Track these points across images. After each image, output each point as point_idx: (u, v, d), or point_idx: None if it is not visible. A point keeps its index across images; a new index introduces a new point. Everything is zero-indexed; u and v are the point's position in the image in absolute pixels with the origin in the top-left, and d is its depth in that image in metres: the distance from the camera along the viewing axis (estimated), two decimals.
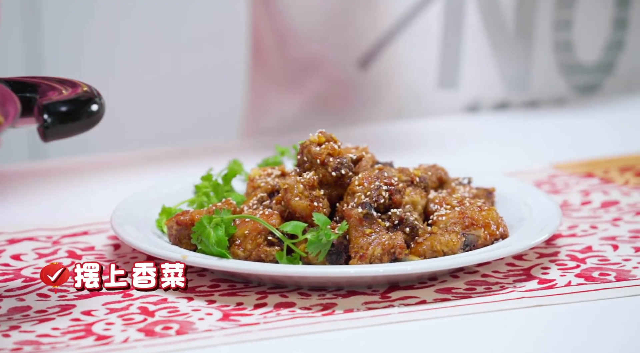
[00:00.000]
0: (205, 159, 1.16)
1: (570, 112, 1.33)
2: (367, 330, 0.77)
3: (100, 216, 0.97)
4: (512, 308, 0.79)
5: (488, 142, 1.25)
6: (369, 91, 1.34)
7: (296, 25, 1.35)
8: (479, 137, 1.27)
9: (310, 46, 1.34)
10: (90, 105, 0.78)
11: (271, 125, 1.41)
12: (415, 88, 1.33)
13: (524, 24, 1.31)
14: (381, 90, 1.34)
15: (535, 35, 1.32)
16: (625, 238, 0.91)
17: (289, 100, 1.39)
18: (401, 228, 0.84)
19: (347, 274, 0.80)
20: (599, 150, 1.16)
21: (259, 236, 0.84)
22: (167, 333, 0.77)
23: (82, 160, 1.22)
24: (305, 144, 0.87)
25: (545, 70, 1.34)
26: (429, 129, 1.28)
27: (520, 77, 1.34)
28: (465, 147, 1.23)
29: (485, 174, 0.97)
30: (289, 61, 1.37)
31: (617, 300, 0.80)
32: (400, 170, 0.89)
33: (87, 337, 0.77)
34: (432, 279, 0.84)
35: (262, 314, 0.79)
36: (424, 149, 1.18)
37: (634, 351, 0.74)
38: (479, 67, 1.33)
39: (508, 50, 1.33)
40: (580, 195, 1.02)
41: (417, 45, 1.32)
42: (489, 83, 1.33)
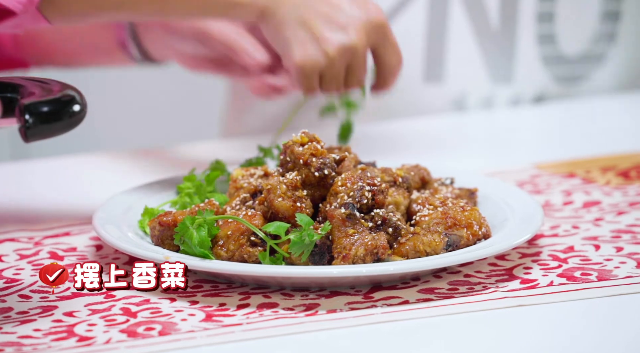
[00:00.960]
0: (189, 159, 1.16)
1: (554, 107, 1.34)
2: (350, 330, 0.77)
3: (82, 217, 0.97)
4: (494, 308, 0.79)
5: (471, 142, 1.26)
6: None
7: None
8: (463, 137, 1.27)
9: None
10: (72, 106, 0.77)
11: (256, 125, 1.40)
12: (401, 83, 1.34)
13: (508, 17, 1.32)
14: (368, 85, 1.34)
15: (519, 28, 1.32)
16: (606, 238, 0.92)
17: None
18: (384, 228, 0.84)
19: (330, 274, 0.80)
20: (581, 149, 1.17)
21: (241, 237, 0.84)
22: (150, 334, 0.77)
23: (64, 161, 1.21)
24: (288, 144, 0.87)
25: (528, 63, 1.34)
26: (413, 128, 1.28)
27: (505, 70, 1.34)
28: (449, 147, 1.23)
29: (467, 174, 0.97)
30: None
31: (599, 300, 0.80)
32: (383, 171, 0.89)
33: (69, 338, 0.76)
34: (414, 279, 0.84)
35: (245, 315, 0.79)
36: (407, 149, 1.18)
37: (616, 350, 0.74)
38: (464, 61, 1.33)
39: (492, 43, 1.33)
40: (562, 195, 1.03)
41: (402, 40, 1.33)
42: (475, 77, 1.34)
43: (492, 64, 1.33)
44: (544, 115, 1.33)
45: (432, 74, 1.31)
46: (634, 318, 0.78)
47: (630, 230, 0.93)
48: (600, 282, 0.83)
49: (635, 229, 0.93)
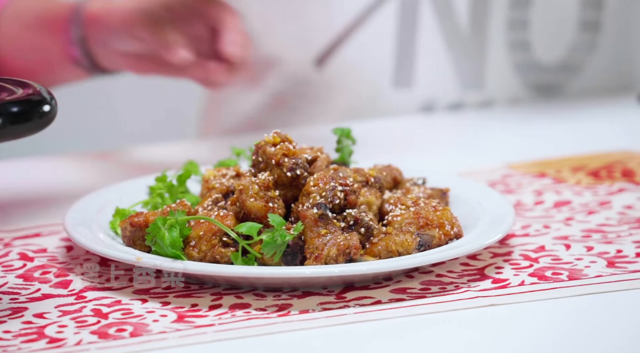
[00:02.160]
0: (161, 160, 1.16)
1: (521, 113, 1.35)
2: (323, 330, 0.77)
3: (53, 218, 0.96)
4: (466, 308, 0.80)
5: (443, 143, 1.26)
6: (325, 90, 1.35)
7: (253, 23, 1.35)
8: (434, 137, 1.28)
9: (267, 44, 1.34)
10: (42, 106, 0.77)
11: (230, 122, 1.40)
12: (370, 87, 1.34)
13: (478, 24, 1.32)
14: (337, 89, 1.34)
15: (489, 35, 1.33)
16: (577, 237, 0.92)
17: (248, 96, 1.39)
18: (356, 228, 0.84)
19: (302, 275, 0.80)
20: (552, 150, 1.17)
21: (213, 237, 0.84)
22: (121, 335, 0.76)
23: (34, 162, 1.21)
24: (260, 144, 0.87)
25: (499, 69, 1.35)
26: (384, 129, 1.29)
27: (475, 76, 1.35)
28: (420, 148, 1.23)
29: (439, 174, 0.98)
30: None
31: (570, 299, 0.81)
32: (355, 171, 0.90)
33: (40, 340, 0.76)
34: (387, 279, 0.84)
35: (217, 315, 0.79)
36: (379, 149, 1.19)
37: (587, 349, 0.75)
38: (434, 66, 1.34)
39: (463, 49, 1.34)
40: (533, 194, 1.03)
41: (372, 44, 1.33)
42: (444, 82, 1.34)
43: (462, 70, 1.34)
44: (513, 117, 1.33)
45: (402, 79, 1.32)
46: (604, 317, 0.79)
47: (601, 229, 0.94)
48: (571, 282, 0.83)
49: (605, 228, 0.94)
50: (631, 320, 0.78)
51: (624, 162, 1.12)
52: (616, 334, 0.76)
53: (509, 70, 1.34)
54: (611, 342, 0.76)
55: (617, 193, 1.03)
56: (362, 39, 1.32)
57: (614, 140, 1.20)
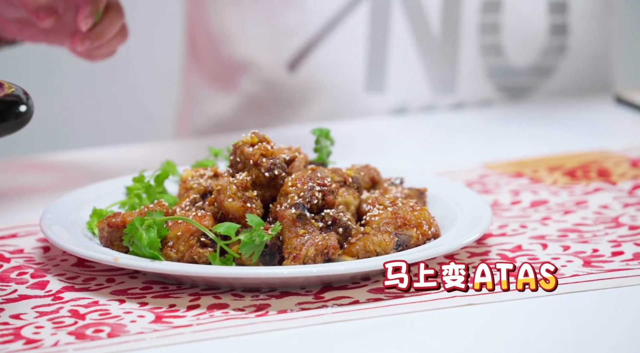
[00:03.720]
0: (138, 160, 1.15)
1: (496, 113, 1.35)
2: (301, 330, 0.77)
3: (29, 218, 0.96)
4: (444, 308, 0.80)
5: (418, 144, 1.26)
6: (298, 93, 1.35)
7: (228, 25, 1.34)
8: (409, 139, 1.28)
9: (241, 46, 1.34)
10: (18, 107, 0.76)
11: (204, 124, 1.40)
12: (343, 91, 1.34)
13: (450, 28, 1.33)
14: (310, 92, 1.34)
15: (460, 39, 1.33)
16: (554, 237, 0.93)
17: (222, 99, 1.38)
18: (334, 228, 0.84)
19: (280, 275, 0.80)
20: (527, 151, 1.18)
21: (191, 237, 0.84)
22: (99, 336, 0.76)
23: (10, 162, 1.20)
24: (238, 144, 0.87)
25: (471, 73, 1.35)
26: (358, 130, 1.29)
27: (447, 80, 1.35)
28: (396, 149, 1.23)
29: (417, 174, 0.98)
30: (222, 61, 1.37)
31: (546, 299, 0.81)
32: (333, 171, 0.90)
33: (16, 340, 0.75)
34: (365, 279, 0.84)
35: (195, 316, 0.79)
36: (353, 150, 1.19)
37: (564, 348, 0.75)
38: (406, 70, 1.34)
39: (434, 53, 1.34)
40: (510, 194, 1.04)
41: (344, 48, 1.33)
42: (416, 86, 1.35)
43: (434, 74, 1.34)
44: (486, 119, 1.34)
45: (374, 83, 1.32)
46: (579, 316, 0.79)
47: (577, 229, 0.94)
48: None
49: (581, 228, 0.94)
50: (608, 319, 0.79)
51: (600, 162, 1.12)
52: (593, 333, 0.77)
53: (480, 74, 1.35)
54: (588, 340, 0.76)
55: (593, 193, 1.03)
56: (334, 43, 1.32)
57: (590, 141, 1.21)
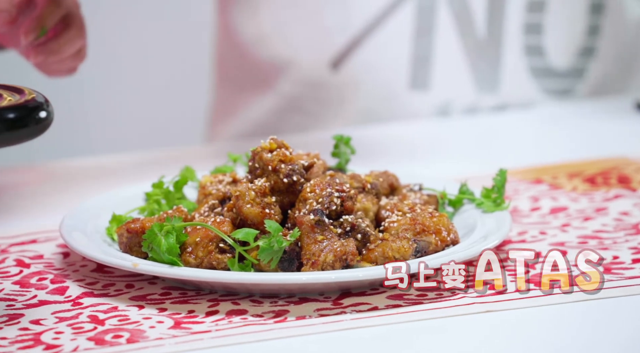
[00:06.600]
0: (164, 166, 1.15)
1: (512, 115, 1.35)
2: (319, 336, 0.77)
3: (49, 224, 0.96)
4: (463, 314, 0.80)
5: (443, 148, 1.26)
6: (340, 92, 1.34)
7: (263, 28, 1.34)
8: (434, 143, 1.28)
9: (279, 47, 1.34)
10: (38, 112, 0.77)
11: (240, 130, 1.40)
12: (386, 89, 1.34)
13: (495, 27, 1.33)
14: (353, 91, 1.34)
15: (505, 39, 1.33)
16: (573, 243, 0.92)
17: (258, 103, 1.38)
18: (353, 234, 0.84)
19: (299, 281, 0.80)
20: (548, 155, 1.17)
21: (210, 243, 0.84)
22: (118, 341, 0.76)
23: (31, 168, 1.20)
24: (257, 150, 0.87)
25: (515, 73, 1.35)
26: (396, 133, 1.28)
27: (491, 79, 1.35)
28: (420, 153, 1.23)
29: (436, 180, 0.98)
30: (257, 63, 1.37)
31: (567, 305, 0.81)
32: (351, 177, 0.90)
33: (36, 346, 0.76)
34: (383, 285, 0.84)
35: (214, 322, 0.79)
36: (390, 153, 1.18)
37: None
38: (450, 69, 1.34)
39: (479, 52, 1.34)
40: (530, 201, 1.03)
41: (388, 46, 1.33)
42: (460, 85, 1.34)
43: (478, 73, 1.34)
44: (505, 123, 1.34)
45: (418, 81, 1.32)
46: (600, 324, 0.79)
47: (597, 235, 0.94)
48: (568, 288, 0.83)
49: (601, 235, 0.94)
50: (628, 326, 0.78)
51: (620, 169, 1.12)
52: (613, 340, 0.76)
53: (525, 74, 1.35)
54: (608, 348, 0.76)
55: (613, 199, 1.03)
56: (378, 41, 1.32)
57: (610, 146, 1.21)
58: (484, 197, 0.92)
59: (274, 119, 1.37)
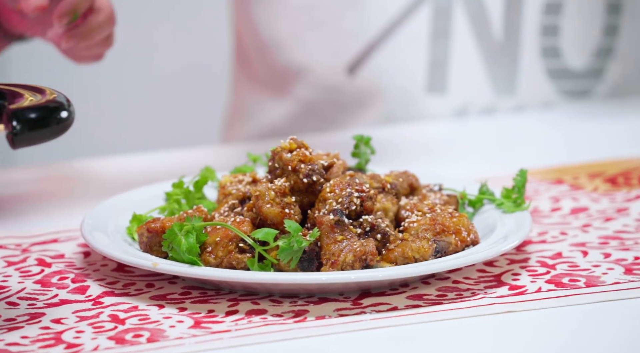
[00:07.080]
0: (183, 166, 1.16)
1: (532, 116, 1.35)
2: (339, 336, 0.77)
3: (70, 223, 0.97)
4: (483, 314, 0.79)
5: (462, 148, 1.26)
6: (357, 97, 1.34)
7: (280, 33, 1.34)
8: (455, 143, 1.28)
9: (296, 52, 1.34)
10: (59, 112, 0.77)
11: (256, 132, 1.40)
12: (403, 93, 1.34)
13: (511, 30, 1.32)
14: (370, 96, 1.34)
15: (522, 41, 1.33)
16: (594, 244, 0.92)
17: (275, 106, 1.38)
18: (372, 234, 0.84)
19: (318, 281, 0.80)
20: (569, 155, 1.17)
21: (230, 243, 0.84)
22: (138, 341, 0.76)
23: (52, 167, 1.21)
24: (277, 150, 0.87)
25: (533, 75, 1.35)
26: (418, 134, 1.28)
27: (508, 81, 1.35)
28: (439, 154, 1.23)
29: (456, 181, 0.98)
30: (274, 67, 1.37)
31: (587, 306, 0.81)
32: (371, 177, 0.90)
33: (57, 345, 0.76)
34: (403, 285, 0.84)
35: (234, 321, 0.79)
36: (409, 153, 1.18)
37: None
38: (467, 72, 1.33)
39: (496, 55, 1.33)
40: (550, 201, 1.03)
41: (405, 50, 1.33)
42: (477, 87, 1.34)
43: (495, 76, 1.34)
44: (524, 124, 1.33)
45: (435, 84, 1.32)
46: (622, 325, 0.78)
47: (618, 236, 0.93)
48: (588, 288, 0.83)
49: (622, 235, 0.94)
50: None
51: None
52: (635, 341, 0.76)
53: (542, 76, 1.34)
54: (630, 348, 0.75)
55: (634, 200, 1.02)
56: (395, 45, 1.32)
57: (631, 147, 1.20)
58: (504, 198, 0.92)
59: (291, 123, 1.37)
